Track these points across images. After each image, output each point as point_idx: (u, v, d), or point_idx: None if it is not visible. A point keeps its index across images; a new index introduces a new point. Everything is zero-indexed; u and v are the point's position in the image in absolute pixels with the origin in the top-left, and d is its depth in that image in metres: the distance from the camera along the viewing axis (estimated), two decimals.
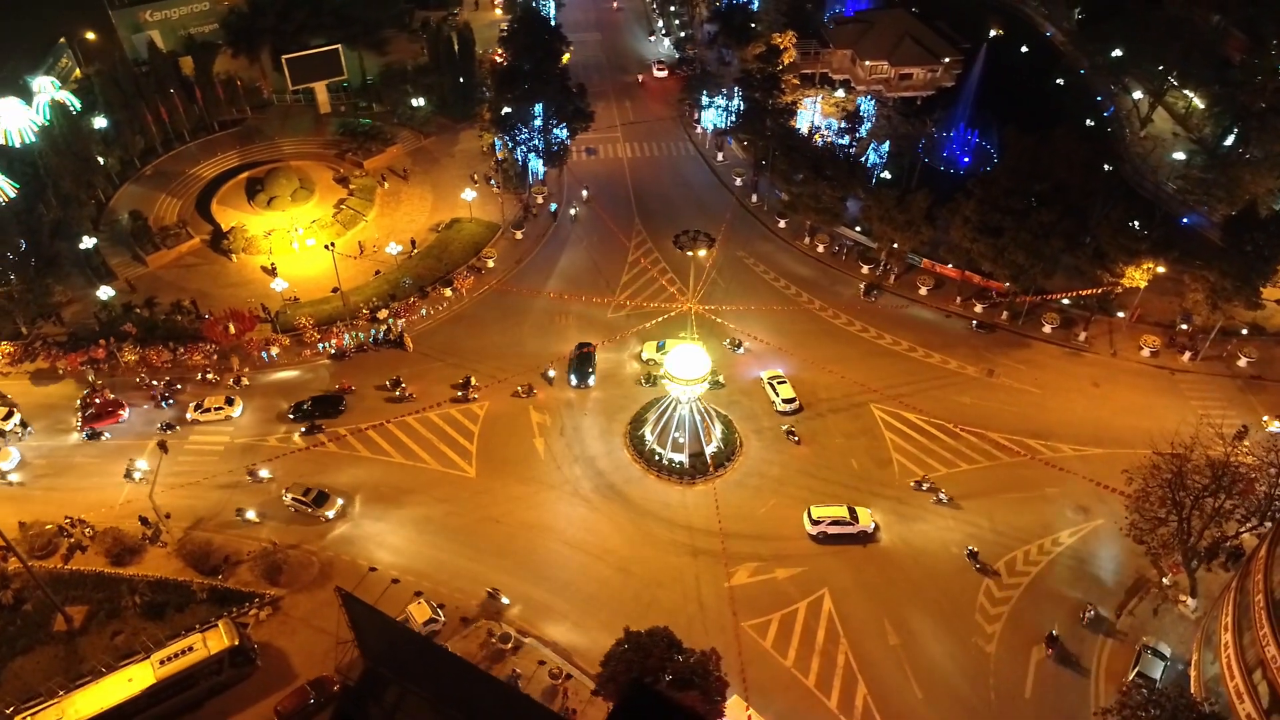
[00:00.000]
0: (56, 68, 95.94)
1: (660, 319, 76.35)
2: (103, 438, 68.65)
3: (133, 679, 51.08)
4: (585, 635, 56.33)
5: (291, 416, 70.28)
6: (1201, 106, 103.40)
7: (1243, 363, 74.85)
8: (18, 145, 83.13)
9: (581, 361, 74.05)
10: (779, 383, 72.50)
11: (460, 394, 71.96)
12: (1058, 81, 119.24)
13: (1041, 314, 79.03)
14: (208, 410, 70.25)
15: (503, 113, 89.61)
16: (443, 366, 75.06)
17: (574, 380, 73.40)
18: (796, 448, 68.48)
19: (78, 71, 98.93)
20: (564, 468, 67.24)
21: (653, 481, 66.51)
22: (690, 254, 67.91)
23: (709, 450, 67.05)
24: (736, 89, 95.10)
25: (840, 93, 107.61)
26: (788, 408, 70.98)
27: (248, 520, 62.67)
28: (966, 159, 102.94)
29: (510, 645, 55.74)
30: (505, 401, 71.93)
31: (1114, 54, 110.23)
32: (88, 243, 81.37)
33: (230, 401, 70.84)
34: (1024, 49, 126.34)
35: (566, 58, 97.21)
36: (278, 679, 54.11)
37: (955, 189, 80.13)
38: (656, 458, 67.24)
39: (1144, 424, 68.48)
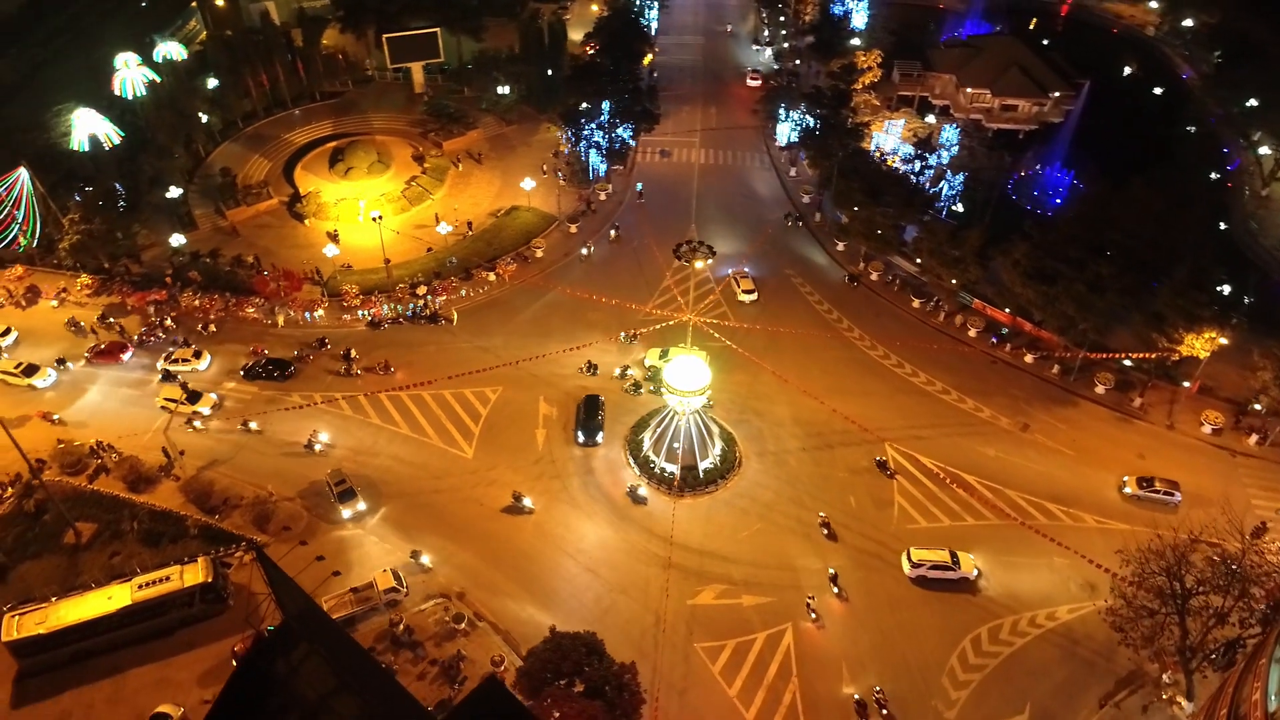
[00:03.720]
0: (184, 30, 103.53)
1: (659, 326, 76.77)
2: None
3: (112, 598, 54.84)
4: (539, 630, 56.33)
5: (243, 374, 73.08)
6: None
7: None
8: (130, 98, 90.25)
9: (589, 414, 69.09)
10: (742, 277, 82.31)
11: (344, 368, 73.24)
12: (1188, 129, 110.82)
13: (1095, 372, 73.58)
14: (176, 361, 73.35)
15: (579, 107, 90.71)
16: (469, 348, 76.84)
17: (580, 437, 68.02)
18: (795, 475, 66.45)
19: (203, 34, 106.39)
20: (558, 461, 67.59)
21: (642, 488, 65.96)
22: (689, 264, 66.81)
23: (703, 465, 65.93)
24: (807, 104, 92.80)
25: (930, 118, 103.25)
26: (748, 298, 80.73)
27: None
28: (1058, 200, 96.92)
29: (464, 626, 56.74)
30: (518, 388, 72.83)
31: (1248, 103, 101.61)
32: (174, 192, 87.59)
33: (198, 354, 73.91)
34: (1157, 90, 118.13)
35: (648, 59, 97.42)
36: (248, 621, 56.92)
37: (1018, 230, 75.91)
38: (651, 465, 66.64)
39: (1185, 507, 63.22)
